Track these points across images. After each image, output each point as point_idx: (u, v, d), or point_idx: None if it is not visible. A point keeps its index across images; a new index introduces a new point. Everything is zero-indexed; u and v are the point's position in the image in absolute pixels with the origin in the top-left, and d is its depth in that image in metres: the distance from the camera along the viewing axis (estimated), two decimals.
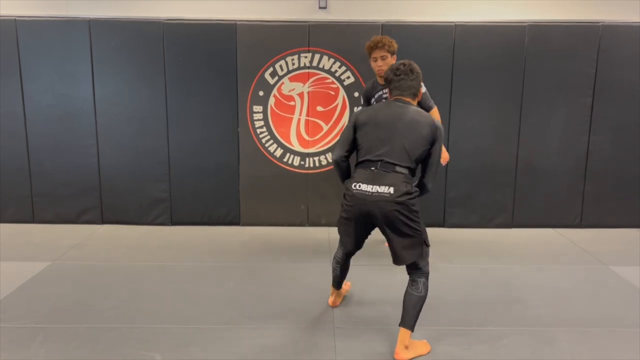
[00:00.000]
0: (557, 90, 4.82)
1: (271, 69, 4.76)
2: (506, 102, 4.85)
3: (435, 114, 3.84)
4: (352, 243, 2.86)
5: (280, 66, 4.75)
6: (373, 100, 3.87)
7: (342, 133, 2.82)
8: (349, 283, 3.47)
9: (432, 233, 4.82)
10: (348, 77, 4.78)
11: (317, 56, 4.73)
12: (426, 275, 2.75)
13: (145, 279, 3.70)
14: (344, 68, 4.77)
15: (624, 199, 5.00)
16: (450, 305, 3.34)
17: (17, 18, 4.70)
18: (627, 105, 4.86)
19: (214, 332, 2.95)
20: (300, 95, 4.82)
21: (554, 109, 4.85)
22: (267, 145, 4.90)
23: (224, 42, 4.73)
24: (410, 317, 2.68)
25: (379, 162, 2.61)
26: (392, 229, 2.62)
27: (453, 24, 4.74)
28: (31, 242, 4.47)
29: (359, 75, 4.78)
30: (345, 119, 4.86)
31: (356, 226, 2.76)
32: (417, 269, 2.72)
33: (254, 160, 4.92)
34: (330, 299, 3.28)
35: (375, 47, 3.67)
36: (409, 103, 2.71)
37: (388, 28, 4.72)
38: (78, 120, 4.84)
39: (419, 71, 2.76)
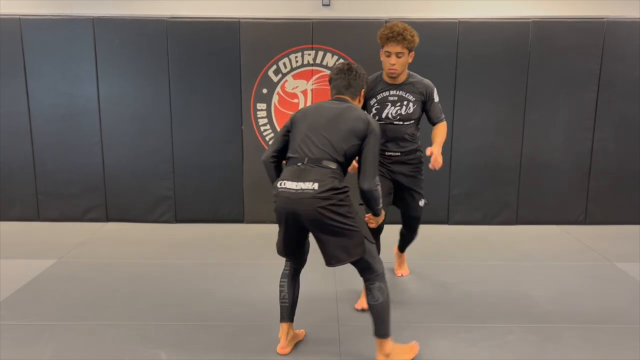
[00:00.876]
0: (561, 87, 4.80)
1: (275, 67, 4.76)
2: (510, 99, 4.84)
3: (443, 127, 3.17)
4: (284, 249, 2.60)
5: (284, 64, 4.75)
6: (374, 101, 3.13)
7: (276, 136, 2.70)
8: (302, 331, 2.88)
9: (435, 230, 4.86)
10: None
11: (320, 53, 4.73)
12: (380, 276, 2.51)
13: (150, 277, 3.71)
14: None
15: (628, 195, 4.99)
16: (454, 302, 3.34)
17: (21, 17, 4.71)
18: (632, 102, 4.84)
19: (219, 329, 2.95)
20: (304, 92, 4.82)
21: (558, 106, 4.84)
22: (271, 142, 4.90)
23: (228, 39, 4.73)
24: (380, 326, 2.51)
25: (306, 158, 2.45)
26: (319, 228, 2.41)
27: (457, 20, 4.73)
28: (36, 240, 4.49)
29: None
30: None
31: (286, 229, 2.51)
32: (368, 270, 2.51)
33: (257, 158, 4.87)
34: (280, 344, 2.68)
35: (392, 38, 2.97)
36: (346, 101, 2.62)
37: None
38: (82, 118, 4.85)
39: (362, 72, 2.68)
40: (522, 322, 3.05)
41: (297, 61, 4.74)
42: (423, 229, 4.90)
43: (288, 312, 2.69)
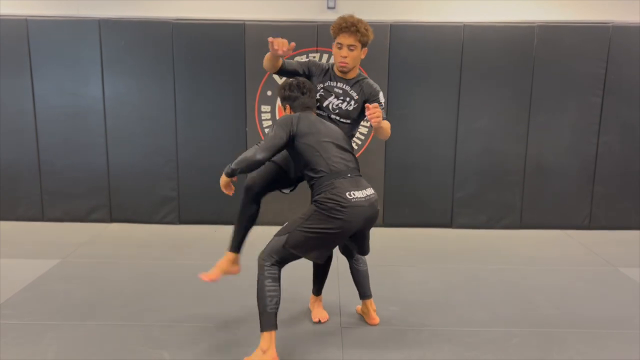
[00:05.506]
0: (566, 91, 4.80)
1: None
2: (515, 103, 4.83)
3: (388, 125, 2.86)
4: (326, 254, 2.68)
5: None
6: (321, 87, 2.94)
7: (272, 136, 2.60)
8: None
9: (439, 233, 4.86)
10: None
11: (325, 56, 4.73)
12: None
13: (153, 277, 3.72)
14: None
15: (633, 200, 4.97)
16: (458, 305, 3.33)
17: (28, 18, 4.74)
18: (637, 106, 4.82)
19: (222, 330, 2.96)
20: None
21: (563, 110, 4.83)
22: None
23: (233, 42, 4.74)
24: (368, 288, 3.06)
25: (349, 170, 2.62)
26: (372, 225, 2.71)
27: (462, 24, 4.73)
28: (41, 240, 4.51)
29: (366, 75, 4.76)
30: None
31: (343, 236, 2.62)
32: (363, 248, 2.87)
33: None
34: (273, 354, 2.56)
35: (345, 29, 2.82)
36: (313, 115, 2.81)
37: (396, 28, 4.73)
38: (87, 119, 4.87)
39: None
40: (525, 327, 3.04)
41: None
42: (427, 232, 4.93)
43: (276, 317, 2.56)
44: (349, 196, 2.52)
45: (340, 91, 2.94)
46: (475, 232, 4.93)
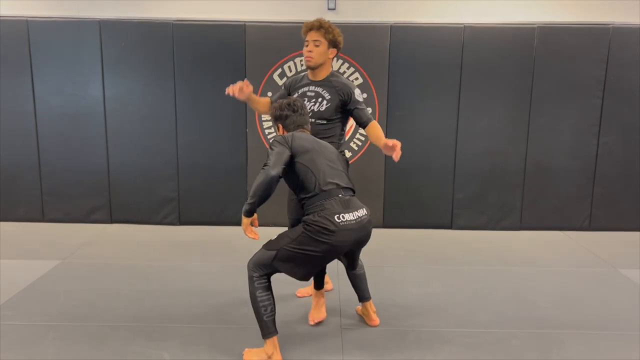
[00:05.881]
0: (566, 92, 4.80)
1: (280, 70, 4.77)
2: (515, 104, 4.84)
3: (376, 124, 3.00)
4: (313, 273, 2.66)
5: (289, 67, 4.76)
6: (296, 94, 3.07)
7: (276, 152, 2.55)
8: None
9: (439, 235, 4.86)
10: (357, 79, 4.78)
11: None
12: None
13: (153, 278, 3.72)
14: (352, 69, 4.77)
15: (633, 201, 4.97)
16: (458, 306, 3.33)
17: (28, 18, 4.74)
18: (637, 107, 4.83)
19: (222, 331, 2.96)
20: None
21: (564, 111, 4.84)
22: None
23: (233, 42, 4.75)
24: (367, 290, 3.05)
25: (341, 189, 2.59)
26: (364, 244, 2.73)
27: (462, 25, 4.74)
28: (41, 241, 4.51)
29: (367, 77, 4.78)
30: (352, 121, 4.85)
31: (332, 257, 2.61)
32: (358, 257, 2.94)
33: (262, 160, 4.89)
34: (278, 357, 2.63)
35: (310, 27, 3.01)
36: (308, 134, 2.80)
37: (397, 29, 4.73)
38: (88, 119, 4.87)
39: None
40: (525, 328, 3.04)
41: (302, 65, 4.75)
42: (427, 233, 4.93)
43: (274, 322, 2.62)
44: (337, 219, 2.49)
45: (313, 93, 2.99)
46: (476, 233, 4.93)
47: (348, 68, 4.77)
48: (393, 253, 4.34)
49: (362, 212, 2.59)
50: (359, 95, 3.01)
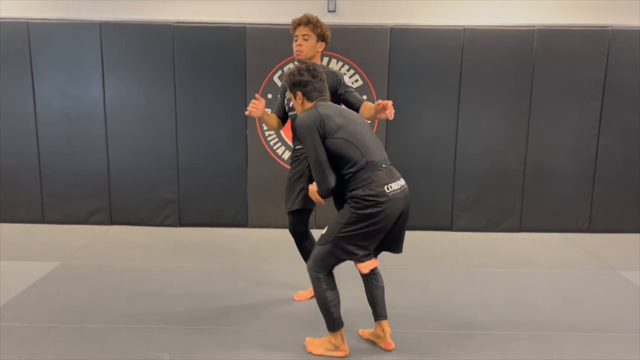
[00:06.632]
0: (566, 94, 4.81)
1: (280, 72, 4.78)
2: (514, 106, 4.84)
3: (368, 103, 2.96)
4: (373, 246, 2.62)
5: (289, 69, 4.76)
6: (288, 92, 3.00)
7: (318, 155, 2.46)
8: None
9: (439, 236, 4.86)
10: (356, 80, 4.79)
11: (325, 59, 4.74)
12: None
13: (153, 280, 3.73)
14: (352, 71, 4.78)
15: (633, 203, 4.98)
16: (458, 308, 3.33)
17: (29, 20, 4.75)
18: (637, 109, 4.84)
19: (222, 333, 2.96)
20: None
21: (563, 113, 4.84)
22: (275, 147, 4.92)
23: (233, 45, 4.76)
24: (384, 307, 2.78)
25: (382, 160, 2.54)
26: (407, 217, 2.64)
27: (462, 27, 4.74)
28: (41, 243, 4.51)
29: (367, 78, 4.79)
30: None
31: (385, 230, 2.56)
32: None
33: (262, 162, 4.94)
34: (345, 345, 2.69)
35: (298, 23, 3.12)
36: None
37: (397, 31, 4.74)
38: (88, 121, 4.88)
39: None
40: (525, 330, 3.04)
41: None
42: (427, 235, 4.93)
43: (340, 315, 2.66)
44: (386, 190, 2.46)
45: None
46: (475, 235, 4.93)
47: (348, 70, 4.77)
48: (392, 254, 4.33)
49: (402, 181, 2.57)
50: (348, 81, 3.04)
